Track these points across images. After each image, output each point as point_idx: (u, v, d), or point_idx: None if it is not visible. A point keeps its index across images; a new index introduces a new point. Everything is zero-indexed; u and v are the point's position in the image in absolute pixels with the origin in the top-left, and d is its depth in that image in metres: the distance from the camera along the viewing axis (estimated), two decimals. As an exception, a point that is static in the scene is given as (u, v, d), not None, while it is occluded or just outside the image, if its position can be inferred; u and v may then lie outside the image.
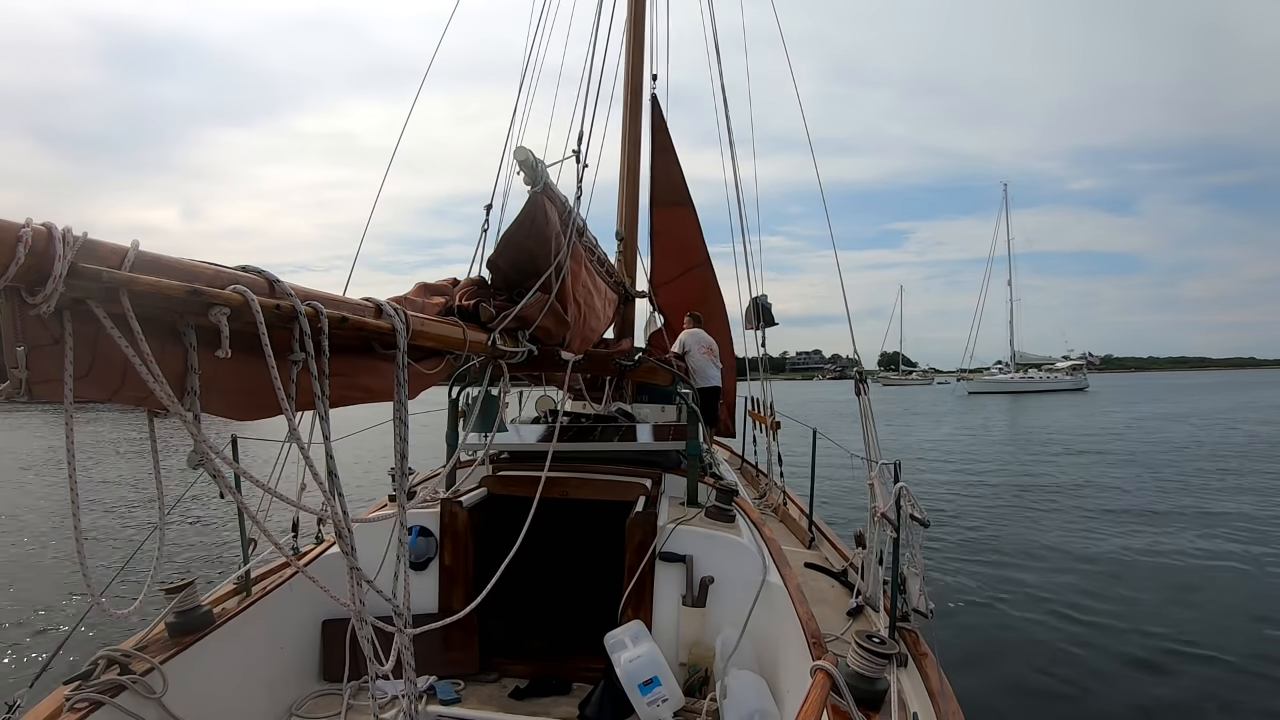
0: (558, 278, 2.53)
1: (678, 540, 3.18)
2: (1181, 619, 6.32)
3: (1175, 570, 7.80)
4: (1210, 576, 7.58)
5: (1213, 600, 6.83)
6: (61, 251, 0.96)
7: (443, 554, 3.34)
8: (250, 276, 1.31)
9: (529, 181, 2.42)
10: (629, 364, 3.85)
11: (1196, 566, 7.92)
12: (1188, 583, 7.33)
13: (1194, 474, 14.42)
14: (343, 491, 1.49)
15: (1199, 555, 8.35)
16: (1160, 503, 11.48)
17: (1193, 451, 18.28)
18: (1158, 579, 7.47)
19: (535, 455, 4.13)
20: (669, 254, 7.76)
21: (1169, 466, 15.60)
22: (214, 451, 1.23)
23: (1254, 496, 11.82)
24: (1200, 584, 7.29)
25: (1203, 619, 6.31)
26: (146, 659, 2.28)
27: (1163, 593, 7.03)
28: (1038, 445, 20.72)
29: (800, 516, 4.94)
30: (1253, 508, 10.87)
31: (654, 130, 7.22)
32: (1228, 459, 16.65)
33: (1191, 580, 7.42)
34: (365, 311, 1.61)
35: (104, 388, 1.17)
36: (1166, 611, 6.54)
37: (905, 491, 2.69)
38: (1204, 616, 6.39)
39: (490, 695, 3.11)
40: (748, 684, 2.67)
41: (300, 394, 1.39)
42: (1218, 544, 8.79)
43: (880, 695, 2.23)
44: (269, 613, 2.88)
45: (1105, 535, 9.33)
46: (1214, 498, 11.83)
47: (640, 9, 6.82)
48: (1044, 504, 11.56)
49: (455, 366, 2.35)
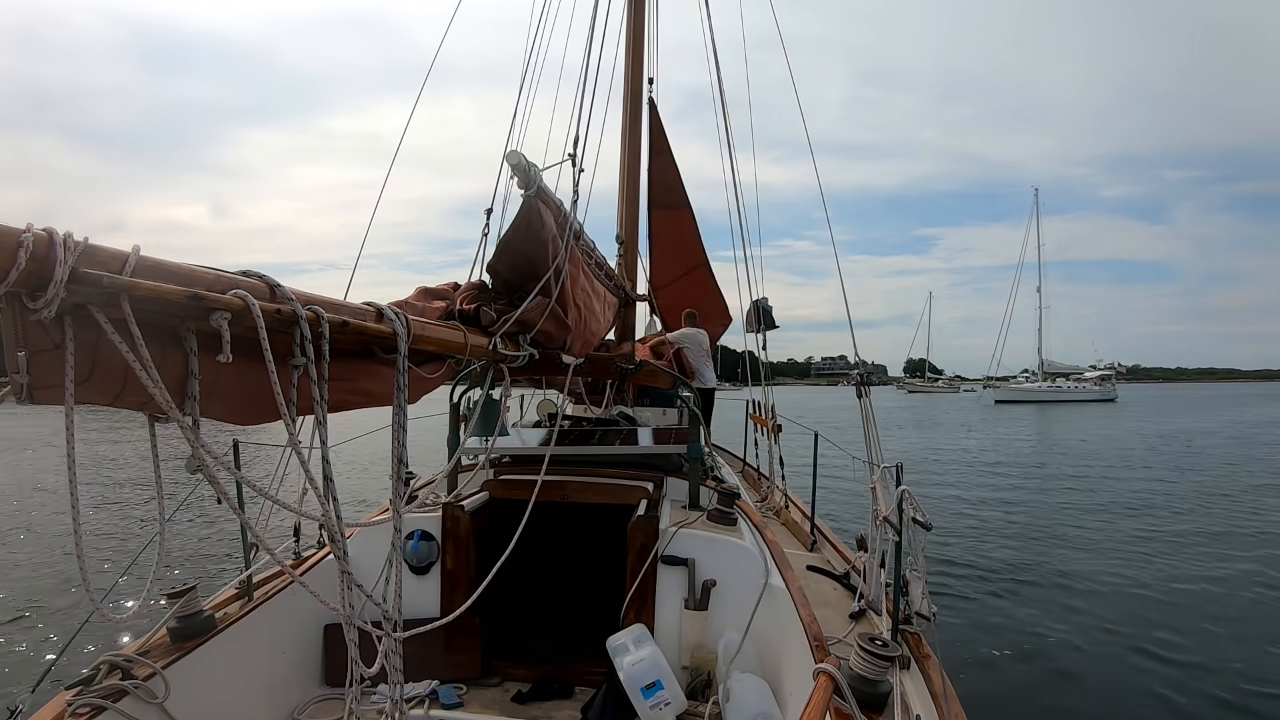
0: (557, 281, 2.53)
1: (680, 543, 3.18)
2: (1198, 630, 6.28)
3: (1219, 597, 7.29)
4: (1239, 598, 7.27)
5: (1232, 614, 6.73)
6: (62, 256, 0.96)
7: (444, 558, 3.34)
8: (251, 281, 1.31)
9: (522, 185, 2.42)
10: (630, 367, 3.85)
11: (1232, 592, 7.48)
12: (1225, 605, 7.00)
13: (1235, 491, 13.53)
14: (338, 496, 1.49)
15: (1238, 580, 7.83)
16: (1204, 522, 10.74)
17: (1238, 468, 17.06)
18: (1193, 602, 7.12)
19: (537, 459, 4.13)
20: (668, 256, 7.77)
21: (1203, 480, 14.87)
22: (213, 457, 1.23)
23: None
24: (1231, 608, 6.95)
25: (1220, 632, 6.25)
26: (148, 664, 2.28)
27: (1194, 614, 6.73)
28: (1074, 458, 19.40)
29: (802, 519, 4.93)
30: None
31: (651, 133, 7.23)
32: (1272, 475, 15.60)
33: (1226, 603, 7.07)
34: (366, 316, 1.61)
35: (105, 393, 1.17)
36: (1178, 621, 6.49)
37: (907, 495, 2.68)
38: (1223, 630, 6.31)
39: (492, 699, 3.10)
40: (750, 687, 2.67)
41: (301, 399, 1.39)
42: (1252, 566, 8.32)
43: (883, 698, 2.23)
44: (271, 617, 2.88)
45: (1144, 557, 8.73)
46: (1250, 518, 11.06)
47: (639, 11, 6.83)
48: (1075, 520, 11.03)
49: (456, 370, 2.35)
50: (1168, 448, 22.29)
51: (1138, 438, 25.93)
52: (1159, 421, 35.20)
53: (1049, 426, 32.74)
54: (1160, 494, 13.28)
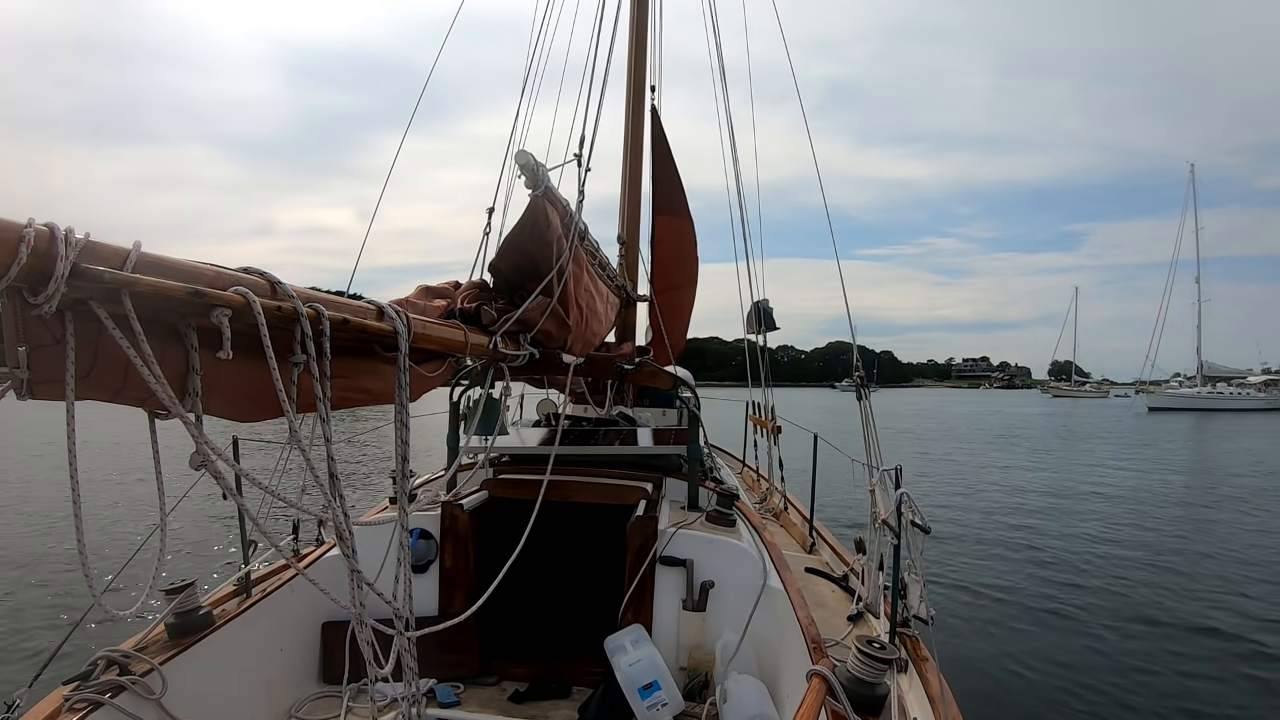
0: (559, 281, 2.53)
1: (678, 544, 3.18)
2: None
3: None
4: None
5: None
6: (64, 252, 0.96)
7: (443, 556, 3.34)
8: (252, 278, 1.31)
9: (530, 185, 2.42)
10: (630, 367, 3.84)
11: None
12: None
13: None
14: (344, 494, 1.49)
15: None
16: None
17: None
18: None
19: (536, 458, 4.12)
20: (664, 263, 7.66)
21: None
22: (215, 453, 1.23)
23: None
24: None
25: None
26: (146, 660, 2.28)
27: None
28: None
29: (801, 521, 4.93)
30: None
31: (654, 140, 7.21)
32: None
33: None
34: (367, 314, 1.61)
35: (105, 388, 1.17)
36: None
37: (906, 498, 2.69)
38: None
39: (489, 698, 3.10)
40: (748, 688, 2.66)
41: (301, 396, 1.39)
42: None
43: (880, 700, 2.23)
44: (269, 614, 2.88)
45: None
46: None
47: (642, 12, 6.83)
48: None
49: (456, 369, 2.35)
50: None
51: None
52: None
53: (1222, 444, 25.34)
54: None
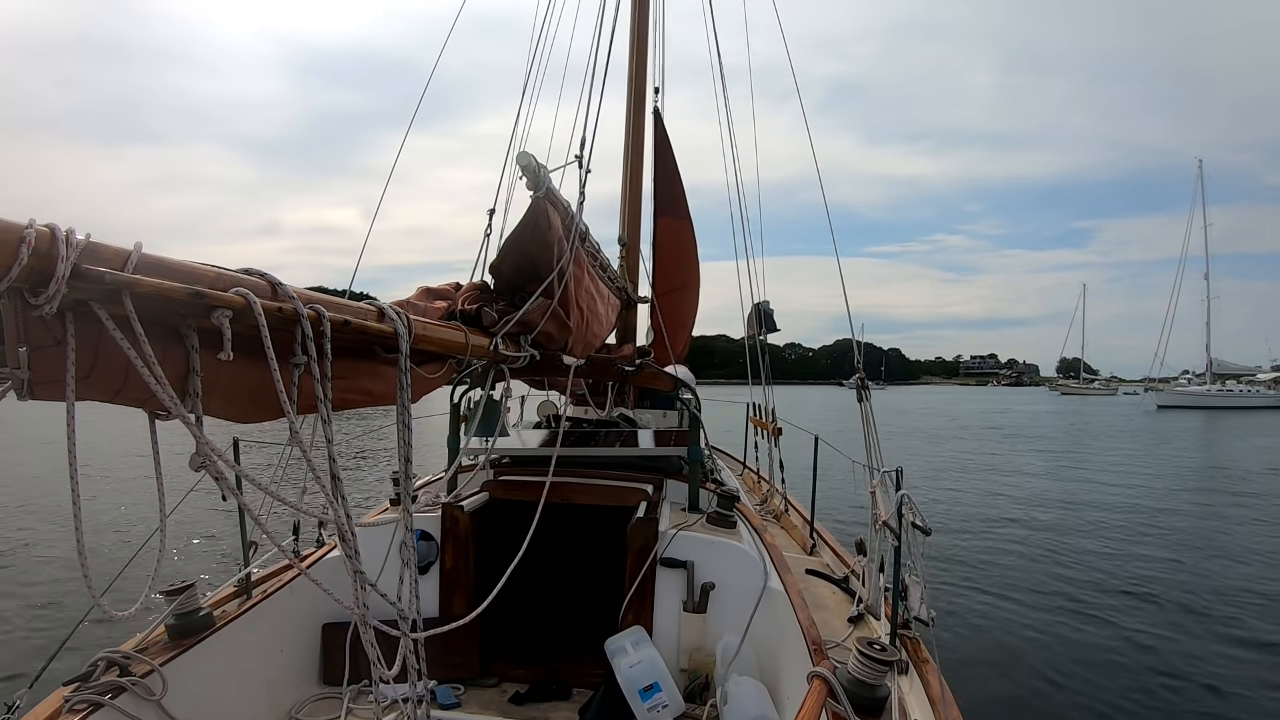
0: (560, 283, 2.53)
1: (679, 546, 3.17)
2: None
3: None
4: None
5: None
6: (64, 253, 0.96)
7: (444, 558, 3.33)
8: (252, 279, 1.31)
9: (531, 186, 2.42)
10: (631, 369, 3.84)
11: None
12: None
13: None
14: (345, 495, 1.49)
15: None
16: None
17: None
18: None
19: (537, 460, 4.12)
20: (664, 265, 7.66)
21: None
22: (216, 453, 1.23)
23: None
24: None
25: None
26: (146, 661, 2.27)
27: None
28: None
29: (802, 523, 4.92)
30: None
31: (656, 142, 7.21)
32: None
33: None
34: (367, 315, 1.61)
35: (106, 389, 1.17)
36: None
37: (907, 499, 2.68)
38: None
39: (490, 700, 3.10)
40: (748, 690, 2.66)
41: (302, 397, 1.39)
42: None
43: (881, 702, 2.22)
44: (269, 616, 2.88)
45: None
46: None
47: (643, 13, 6.84)
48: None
49: (457, 371, 2.35)
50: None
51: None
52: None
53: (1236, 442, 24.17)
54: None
